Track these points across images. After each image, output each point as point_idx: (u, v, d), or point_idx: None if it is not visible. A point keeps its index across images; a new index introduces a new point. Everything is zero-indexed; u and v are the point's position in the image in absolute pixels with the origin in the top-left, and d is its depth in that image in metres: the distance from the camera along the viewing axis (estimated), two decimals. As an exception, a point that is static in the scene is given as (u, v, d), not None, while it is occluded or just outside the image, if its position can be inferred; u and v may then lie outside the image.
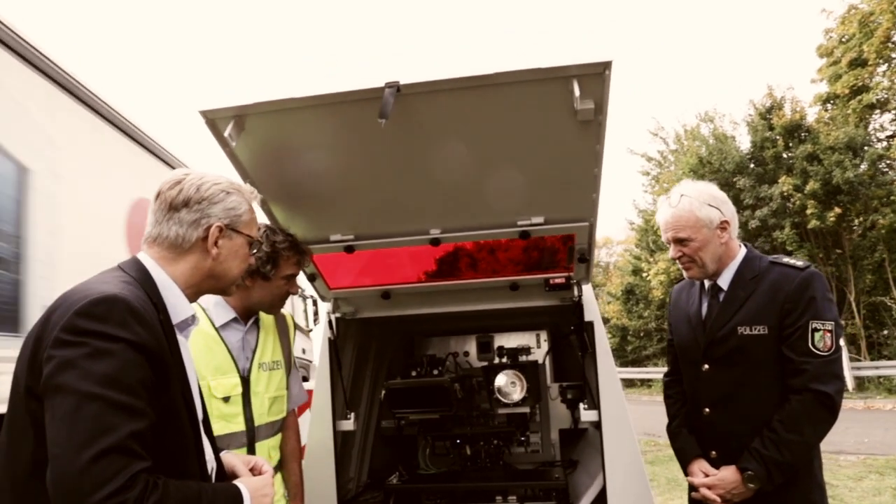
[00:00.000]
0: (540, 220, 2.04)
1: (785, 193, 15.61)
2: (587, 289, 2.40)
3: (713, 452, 1.89)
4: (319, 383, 2.55)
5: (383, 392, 2.64)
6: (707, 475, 1.86)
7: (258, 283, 1.90)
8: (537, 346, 3.37)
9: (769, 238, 16.31)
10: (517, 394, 2.53)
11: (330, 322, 2.49)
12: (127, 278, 1.18)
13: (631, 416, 2.34)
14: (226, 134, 1.75)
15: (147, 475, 0.99)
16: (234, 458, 1.40)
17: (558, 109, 1.62)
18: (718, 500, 1.80)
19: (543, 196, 1.98)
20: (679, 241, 1.91)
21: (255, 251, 1.46)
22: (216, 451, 1.36)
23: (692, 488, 1.91)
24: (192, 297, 1.33)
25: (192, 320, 1.31)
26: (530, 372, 2.64)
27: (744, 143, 17.76)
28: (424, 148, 1.84)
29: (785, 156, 16.21)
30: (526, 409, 2.56)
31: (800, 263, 1.85)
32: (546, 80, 1.57)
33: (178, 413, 1.15)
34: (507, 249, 2.18)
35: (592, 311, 2.40)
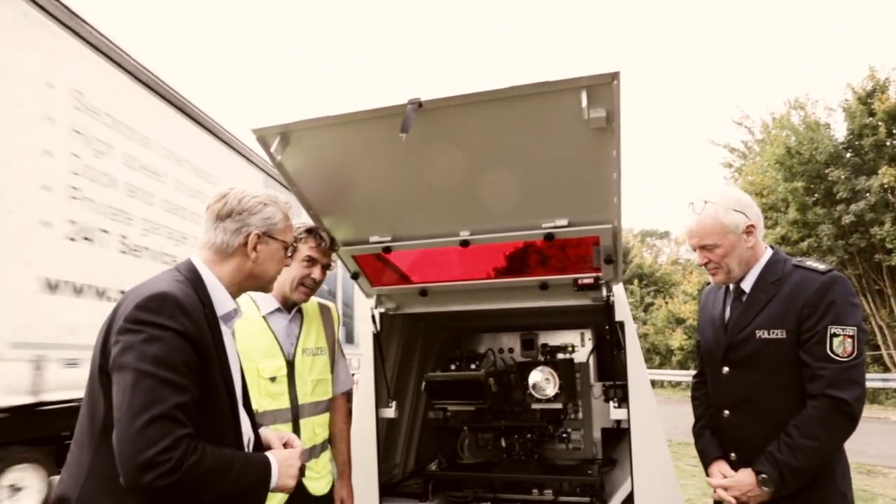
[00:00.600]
0: (564, 222, 2.13)
1: (886, 185, 14.29)
2: (618, 289, 2.45)
3: (733, 454, 1.90)
4: (364, 373, 2.78)
5: (423, 384, 2.83)
6: (726, 476, 1.87)
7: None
8: (581, 344, 3.43)
9: (866, 234, 15.00)
10: (550, 390, 2.62)
11: (373, 317, 2.70)
12: (180, 277, 1.44)
13: (663, 415, 2.37)
14: (272, 149, 2.01)
15: (189, 440, 1.22)
16: (271, 433, 1.63)
17: (572, 118, 1.71)
18: (734, 501, 1.81)
19: (566, 200, 2.07)
20: (705, 248, 1.91)
21: (290, 254, 1.69)
22: (255, 426, 1.60)
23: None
24: (236, 293, 1.57)
25: (234, 313, 1.55)
26: (565, 369, 2.72)
27: (839, 131, 16.42)
28: (450, 157, 1.99)
29: (888, 143, 14.82)
30: (559, 405, 2.64)
31: (822, 267, 1.82)
32: (558, 91, 1.68)
33: (217, 391, 1.38)
34: (535, 251, 2.28)
35: (623, 311, 2.45)
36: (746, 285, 1.91)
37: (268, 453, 1.47)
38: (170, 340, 1.26)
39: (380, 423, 2.72)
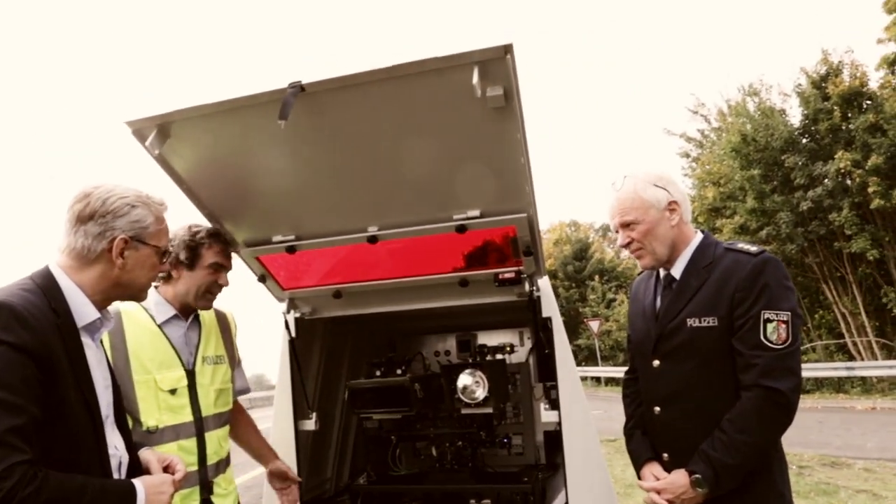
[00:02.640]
0: (476, 213, 2.06)
1: (843, 170, 14.85)
2: (543, 283, 2.41)
3: (665, 455, 1.84)
4: (281, 383, 2.66)
5: (346, 392, 2.73)
6: (658, 479, 1.81)
7: (183, 274, 2.05)
8: (520, 343, 3.39)
9: (825, 221, 15.60)
10: (480, 393, 2.55)
11: (286, 322, 2.59)
12: (29, 286, 1.33)
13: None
14: (148, 143, 1.87)
15: (27, 467, 1.12)
16: (150, 455, 1.52)
17: (468, 98, 1.62)
18: None
19: (476, 189, 1.99)
20: (626, 226, 1.86)
21: (165, 260, 1.58)
22: (130, 447, 1.48)
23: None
24: (102, 303, 1.45)
25: (100, 323, 1.44)
26: (495, 371, 2.66)
27: (794, 116, 17.04)
28: (346, 146, 1.89)
29: (843, 128, 15.39)
30: (489, 410, 2.58)
31: (754, 249, 1.77)
32: (450, 68, 1.60)
33: (70, 409, 1.27)
34: (451, 246, 2.20)
35: (550, 306, 2.40)
36: (676, 272, 1.87)
37: (135, 480, 1.36)
38: (4, 355, 1.17)
39: (300, 435, 2.60)
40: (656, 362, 1.86)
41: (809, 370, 14.84)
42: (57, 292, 1.35)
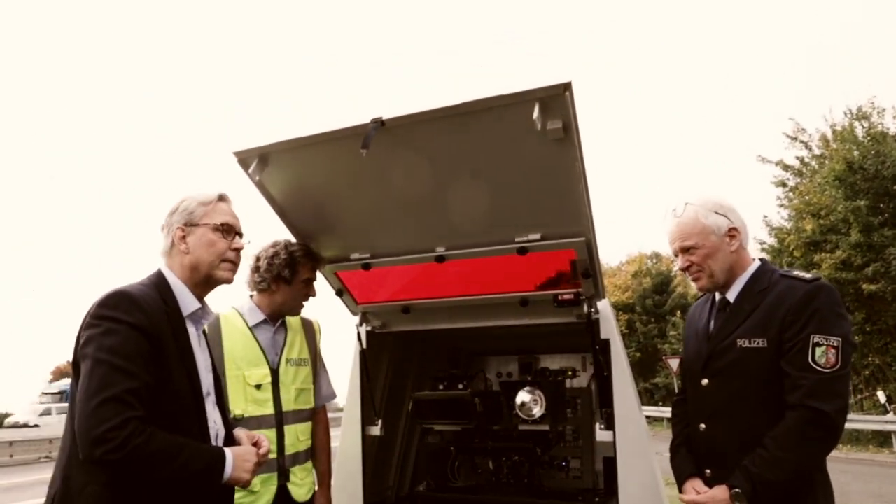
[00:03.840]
0: (537, 236, 2.24)
1: (965, 203, 13.66)
2: (603, 305, 2.53)
3: (708, 471, 1.91)
4: (351, 391, 2.93)
5: (410, 403, 2.95)
6: (699, 493, 1.88)
7: (282, 288, 2.39)
8: (583, 369, 3.49)
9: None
10: (537, 410, 2.70)
11: (359, 334, 2.86)
12: (146, 282, 1.70)
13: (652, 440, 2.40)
14: (250, 170, 2.23)
15: (138, 422, 1.43)
16: (242, 433, 1.81)
17: (529, 131, 1.83)
18: None
19: (536, 213, 2.18)
20: (686, 251, 1.98)
21: (223, 230, 1.75)
22: (227, 423, 1.80)
23: None
24: (199, 294, 1.76)
25: (201, 313, 1.76)
26: (554, 390, 2.80)
27: (910, 142, 15.84)
28: (419, 174, 2.15)
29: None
30: (545, 427, 2.71)
31: (808, 276, 1.85)
32: (514, 104, 1.81)
33: (176, 381, 1.58)
34: (512, 267, 2.39)
35: (609, 328, 2.51)
36: (732, 295, 1.96)
37: (226, 448, 1.64)
38: (124, 332, 1.49)
39: (366, 440, 2.85)
40: (705, 381, 1.95)
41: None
42: (165, 286, 1.70)
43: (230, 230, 1.78)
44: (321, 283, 2.64)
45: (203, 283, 1.77)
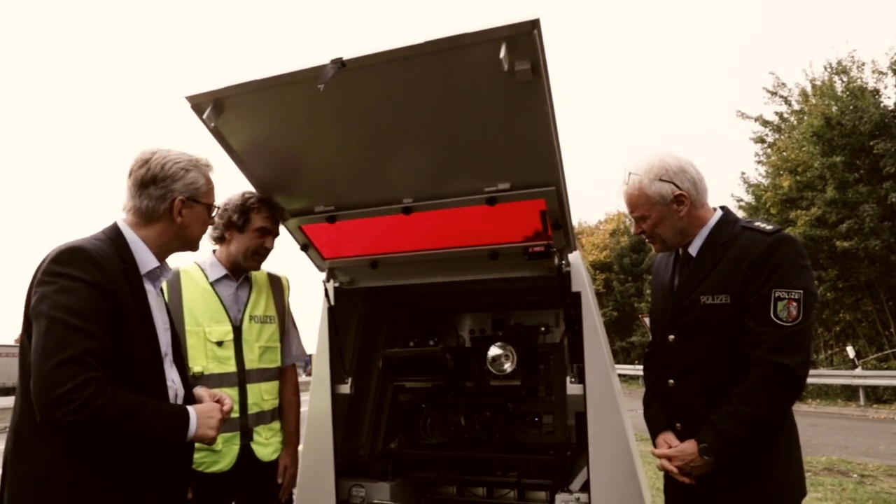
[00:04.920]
0: (506, 185, 2.22)
1: (940, 158, 14.05)
2: (574, 257, 2.54)
3: (678, 425, 1.99)
4: (319, 349, 2.93)
5: (380, 361, 2.97)
6: (670, 447, 1.96)
7: (234, 236, 2.35)
8: (556, 325, 3.54)
9: (916, 214, 14.78)
10: (508, 366, 2.74)
11: (326, 291, 2.85)
12: (101, 237, 1.64)
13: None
14: (204, 116, 2.15)
15: (98, 382, 1.41)
16: (203, 391, 1.81)
17: (496, 72, 1.77)
18: (676, 470, 1.91)
19: (506, 162, 2.15)
20: (637, 219, 2.04)
21: (214, 214, 1.87)
22: (187, 383, 1.79)
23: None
24: (162, 254, 1.76)
25: (159, 272, 1.74)
26: (525, 345, 2.84)
27: (889, 97, 16.14)
28: (384, 120, 2.09)
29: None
30: (517, 382, 2.76)
31: (769, 227, 1.87)
32: (479, 43, 1.76)
33: (134, 340, 1.56)
34: (482, 218, 2.38)
35: (580, 281, 2.54)
36: (693, 249, 1.99)
37: (189, 406, 1.64)
38: (80, 290, 1.46)
39: (336, 399, 2.87)
40: (671, 337, 2.01)
41: (890, 377, 14.24)
42: (123, 243, 1.65)
43: (214, 210, 1.86)
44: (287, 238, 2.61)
45: (176, 249, 1.77)
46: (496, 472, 3.04)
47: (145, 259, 1.68)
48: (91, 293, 1.47)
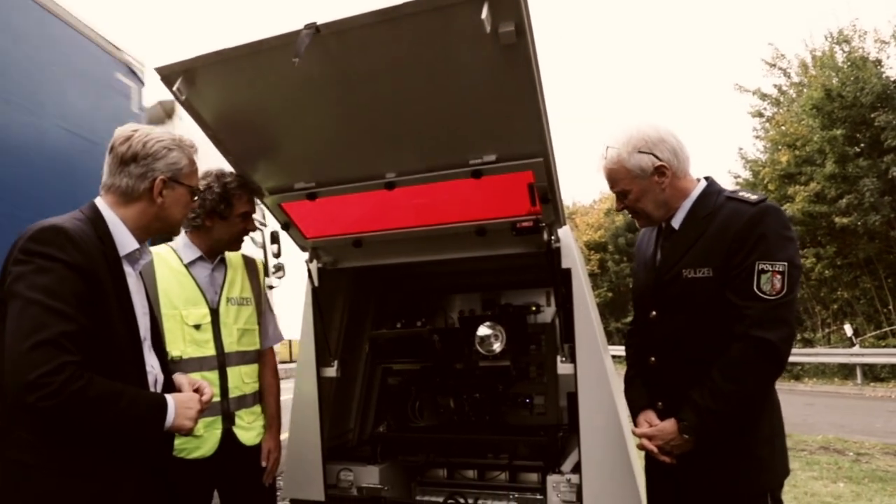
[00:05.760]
0: (492, 157, 2.19)
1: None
2: (564, 232, 2.52)
3: (660, 403, 1.97)
4: (304, 332, 2.91)
5: (367, 343, 2.97)
6: (651, 426, 1.94)
7: (217, 223, 2.33)
8: (547, 304, 3.55)
9: (917, 188, 14.87)
10: (497, 346, 2.74)
11: (309, 272, 2.82)
12: (79, 216, 1.61)
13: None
14: (174, 88, 2.10)
15: (75, 367, 1.39)
16: (183, 379, 1.79)
17: (479, 35, 1.73)
18: (656, 450, 1.90)
19: (491, 132, 2.12)
20: (618, 194, 2.01)
21: (196, 198, 1.85)
22: (166, 369, 1.77)
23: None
24: (142, 236, 1.73)
25: (139, 254, 1.71)
26: (514, 324, 2.84)
27: (891, 68, 16.07)
28: (365, 90, 2.04)
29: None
30: (506, 363, 2.77)
31: (754, 197, 1.85)
32: (459, 3, 1.70)
33: (113, 324, 1.54)
34: (467, 193, 2.35)
35: (570, 257, 2.52)
36: (676, 222, 1.97)
37: (167, 395, 1.62)
38: (58, 271, 1.44)
39: (322, 382, 2.86)
40: (653, 313, 1.99)
41: (888, 356, 14.45)
42: (102, 223, 1.62)
43: (196, 192, 1.84)
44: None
45: (155, 231, 1.74)
46: (487, 455, 3.06)
47: (125, 240, 1.66)
48: (69, 274, 1.45)
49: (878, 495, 4.99)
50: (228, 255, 2.45)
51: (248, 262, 2.53)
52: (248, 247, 2.59)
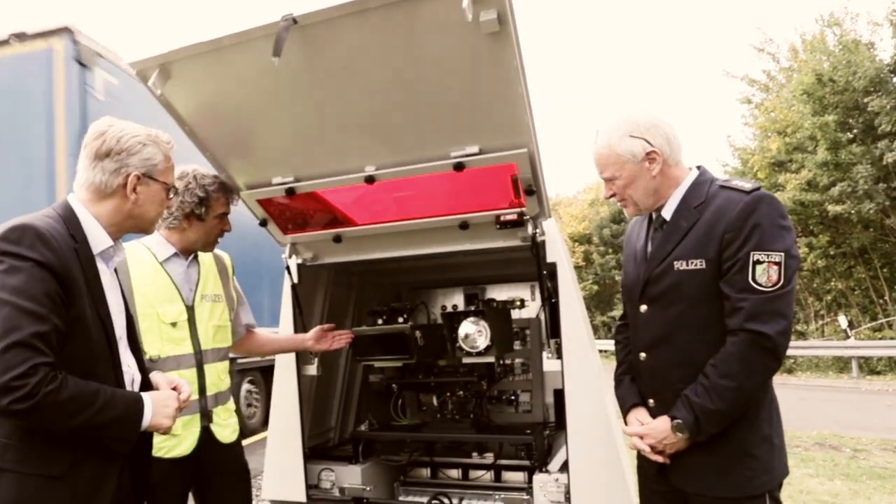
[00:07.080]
0: (474, 149, 2.25)
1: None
2: (549, 225, 2.59)
3: (651, 401, 1.99)
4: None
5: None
6: (643, 424, 1.97)
7: (194, 224, 2.40)
8: (532, 299, 3.64)
9: (911, 175, 15.22)
10: (482, 342, 2.82)
11: (288, 268, 2.88)
12: (52, 214, 1.66)
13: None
14: (150, 83, 2.15)
15: (48, 368, 1.44)
16: (160, 378, 1.84)
17: (461, 24, 1.79)
18: (648, 449, 1.93)
19: (473, 123, 2.19)
20: (607, 181, 2.02)
21: (174, 199, 1.89)
22: (142, 367, 1.83)
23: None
24: (115, 233, 1.77)
25: (112, 251, 1.76)
26: (499, 319, 2.92)
27: (885, 51, 16.39)
28: (342, 82, 2.11)
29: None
30: (490, 359, 2.85)
31: (748, 186, 1.86)
32: None
33: (86, 324, 1.59)
34: (449, 186, 2.42)
35: (556, 250, 2.59)
36: (667, 213, 1.97)
37: (144, 393, 1.68)
38: (29, 271, 1.48)
39: (303, 381, 2.93)
40: (643, 307, 1.98)
41: (885, 348, 14.73)
42: (75, 221, 1.67)
43: (172, 190, 1.88)
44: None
45: (129, 229, 1.78)
46: (471, 454, 3.14)
47: (98, 238, 1.70)
48: (41, 274, 1.49)
49: (877, 493, 5.03)
50: (200, 253, 2.51)
51: (218, 260, 2.62)
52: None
